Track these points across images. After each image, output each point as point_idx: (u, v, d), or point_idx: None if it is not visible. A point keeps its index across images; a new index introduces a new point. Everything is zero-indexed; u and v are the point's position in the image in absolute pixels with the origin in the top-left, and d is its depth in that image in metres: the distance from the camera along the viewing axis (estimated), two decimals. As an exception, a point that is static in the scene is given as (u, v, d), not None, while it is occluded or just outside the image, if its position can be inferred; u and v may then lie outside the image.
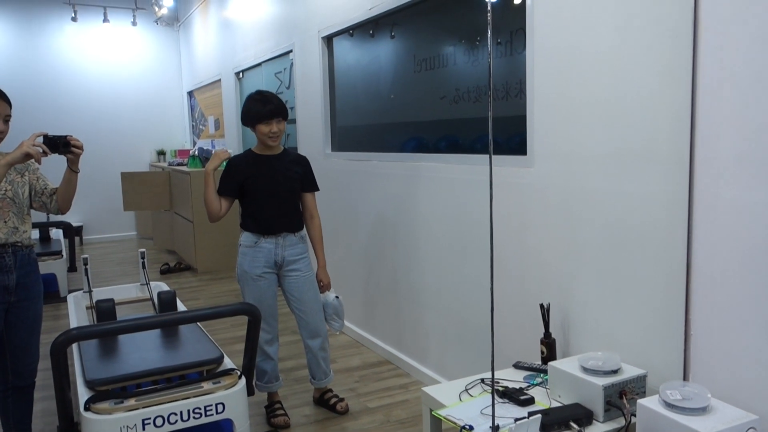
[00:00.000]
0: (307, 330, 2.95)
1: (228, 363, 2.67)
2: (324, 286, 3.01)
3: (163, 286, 3.99)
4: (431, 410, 2.07)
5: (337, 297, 3.02)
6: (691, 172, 1.82)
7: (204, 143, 7.93)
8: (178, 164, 7.20)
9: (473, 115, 2.91)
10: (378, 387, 3.31)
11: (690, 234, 1.84)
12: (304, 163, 2.95)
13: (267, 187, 2.82)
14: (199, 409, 2.37)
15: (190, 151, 7.37)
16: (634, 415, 1.79)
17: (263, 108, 2.76)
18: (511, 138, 2.63)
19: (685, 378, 1.89)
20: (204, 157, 6.64)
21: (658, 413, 1.64)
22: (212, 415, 2.40)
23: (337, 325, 3.04)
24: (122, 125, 8.49)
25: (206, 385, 2.44)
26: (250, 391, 2.62)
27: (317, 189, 3.00)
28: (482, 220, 2.79)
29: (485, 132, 2.82)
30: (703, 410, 1.62)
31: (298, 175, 2.90)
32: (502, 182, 2.61)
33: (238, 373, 2.57)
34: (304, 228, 2.97)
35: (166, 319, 2.26)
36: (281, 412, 2.90)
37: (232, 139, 6.71)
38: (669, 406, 1.65)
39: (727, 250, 1.74)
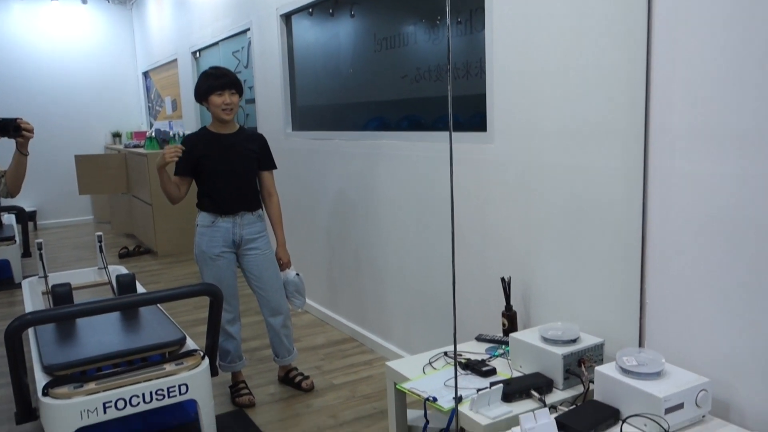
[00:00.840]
0: (268, 308, 2.94)
1: (190, 344, 2.65)
2: (284, 265, 3.00)
3: (122, 270, 3.92)
4: (395, 384, 2.09)
5: (297, 274, 3.01)
6: (645, 146, 1.86)
7: (161, 124, 7.76)
8: (135, 146, 7.04)
9: (434, 94, 2.91)
10: (343, 364, 3.32)
11: (645, 206, 1.88)
12: (260, 141, 2.91)
13: (223, 166, 2.78)
14: (162, 390, 2.34)
15: (147, 133, 7.21)
16: (593, 382, 1.84)
17: (216, 80, 2.72)
18: (473, 117, 2.64)
19: (641, 345, 1.95)
20: (162, 138, 6.50)
21: (614, 379, 1.69)
22: (175, 396, 2.38)
23: (298, 303, 3.03)
24: (75, 107, 8.24)
25: (168, 367, 2.42)
26: (213, 372, 2.60)
27: (275, 167, 2.97)
28: (444, 197, 2.81)
29: (447, 111, 2.82)
30: (657, 375, 1.67)
31: (255, 154, 2.86)
32: (463, 159, 2.63)
33: (201, 354, 2.55)
34: (262, 207, 2.95)
35: (125, 302, 2.23)
36: (246, 391, 2.89)
37: (189, 120, 6.58)
38: (625, 371, 1.70)
39: (681, 221, 1.79)
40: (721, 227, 1.69)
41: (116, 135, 8.40)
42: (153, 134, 6.55)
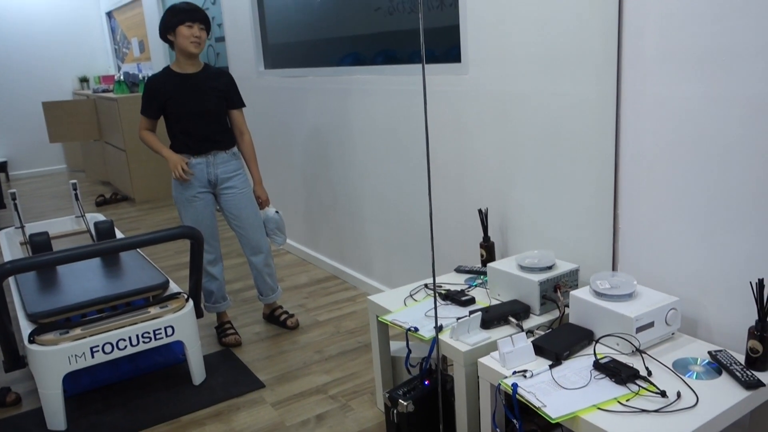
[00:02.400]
0: (249, 247, 2.96)
1: (174, 287, 2.67)
2: (263, 203, 2.99)
3: (100, 217, 3.89)
4: (378, 317, 2.14)
5: (277, 212, 3.02)
6: (618, 72, 1.86)
7: (129, 67, 7.54)
8: (104, 91, 6.86)
9: (409, 27, 2.85)
10: (326, 301, 3.38)
11: (618, 132, 1.90)
12: (227, 79, 2.84)
13: (190, 106, 2.73)
14: (148, 333, 2.38)
15: (115, 77, 7.00)
16: (568, 306, 1.90)
17: (186, 13, 2.65)
18: (449, 50, 2.60)
19: (614, 269, 2.01)
20: (131, 82, 6.34)
21: (588, 302, 1.75)
22: (162, 338, 2.41)
23: (279, 240, 3.05)
24: (38, 53, 7.95)
25: (153, 310, 2.44)
26: (198, 314, 2.64)
27: (243, 105, 2.91)
28: (419, 130, 2.80)
29: (427, 42, 2.78)
30: (629, 296, 1.73)
31: (222, 92, 2.80)
32: (438, 91, 2.61)
33: (185, 296, 2.57)
34: (236, 145, 2.92)
35: (105, 247, 2.22)
36: (232, 331, 2.94)
37: (158, 62, 6.40)
38: (598, 294, 1.75)
39: (652, 145, 1.81)
40: (690, 151, 1.71)
41: (84, 80, 8.16)
42: (122, 78, 6.37)
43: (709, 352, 1.65)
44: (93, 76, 8.18)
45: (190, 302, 2.55)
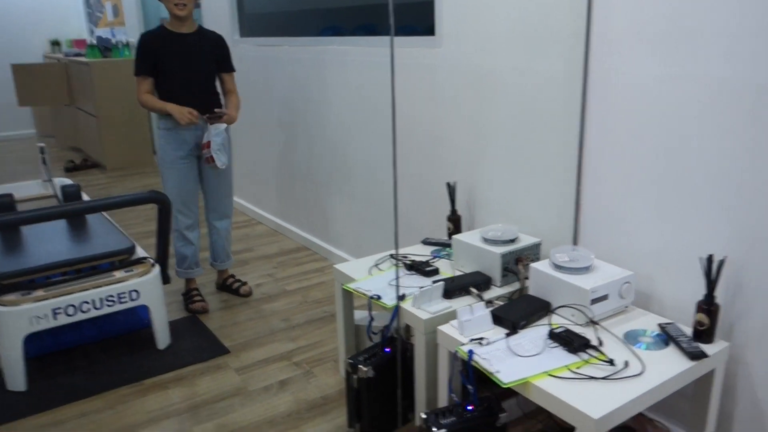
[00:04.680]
0: (217, 211, 2.98)
1: (140, 252, 2.66)
2: (227, 117, 2.82)
3: (67, 182, 3.84)
4: (342, 285, 2.16)
5: (226, 129, 2.89)
6: (587, 49, 1.89)
7: (103, 32, 7.38)
8: (76, 55, 6.71)
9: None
10: (295, 272, 3.40)
11: (584, 110, 1.93)
12: (220, 42, 2.84)
13: (183, 65, 2.72)
14: (113, 296, 2.38)
15: (88, 41, 6.87)
16: (528, 278, 1.94)
17: None
18: (428, 24, 2.60)
19: (575, 243, 2.05)
20: (104, 46, 6.21)
21: (547, 274, 1.79)
22: (126, 302, 2.41)
23: (223, 159, 2.85)
24: (7, 13, 7.73)
25: (118, 274, 2.44)
26: (165, 279, 2.64)
27: (234, 69, 2.93)
28: (397, 100, 2.81)
29: (402, 15, 2.77)
30: (586, 269, 1.78)
31: (214, 55, 2.81)
32: (412, 63, 2.62)
33: (152, 261, 2.57)
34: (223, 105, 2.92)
35: (69, 209, 2.21)
36: (199, 298, 2.94)
37: (132, 27, 6.28)
38: (557, 267, 1.80)
39: (616, 124, 1.84)
40: (650, 130, 1.75)
41: (55, 43, 7.97)
42: (94, 42, 6.24)
43: (659, 325, 1.71)
44: (65, 39, 7.99)
45: (156, 267, 2.55)
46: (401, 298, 1.92)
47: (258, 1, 3.94)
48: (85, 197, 3.43)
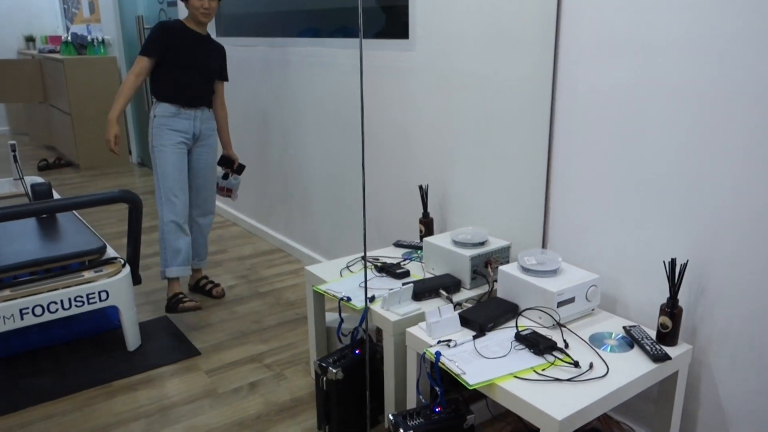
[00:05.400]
0: (202, 208, 3.00)
1: (111, 252, 2.63)
2: (235, 161, 3.16)
3: (38, 180, 3.78)
4: (313, 286, 2.16)
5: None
6: (555, 56, 1.91)
7: (78, 28, 7.28)
8: (50, 51, 6.62)
9: (368, 4, 2.83)
10: (269, 273, 3.38)
11: (552, 115, 1.96)
12: (222, 51, 2.97)
13: (194, 59, 2.80)
14: (81, 297, 2.35)
15: (63, 37, 6.76)
16: (497, 281, 1.96)
17: None
18: (404, 23, 2.60)
19: (543, 247, 2.07)
20: (79, 44, 6.13)
21: (515, 277, 1.81)
22: (95, 302, 2.39)
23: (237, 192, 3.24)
24: (-19, 7, 7.61)
25: (88, 274, 2.41)
26: (136, 280, 2.62)
27: (228, 79, 3.05)
28: (368, 105, 2.82)
29: (376, 17, 2.77)
30: (553, 272, 1.80)
31: (217, 62, 2.93)
32: (386, 66, 2.62)
33: (122, 261, 2.54)
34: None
35: (37, 207, 2.18)
36: (188, 298, 2.91)
37: (109, 23, 6.21)
38: (525, 270, 1.81)
39: (583, 130, 1.87)
40: (615, 136, 1.78)
41: (30, 39, 7.85)
42: (69, 39, 6.16)
43: (624, 327, 1.73)
44: (40, 35, 7.88)
45: (127, 268, 2.52)
46: (371, 299, 1.93)
47: (237, 2, 3.92)
48: (57, 196, 3.39)
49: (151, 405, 2.19)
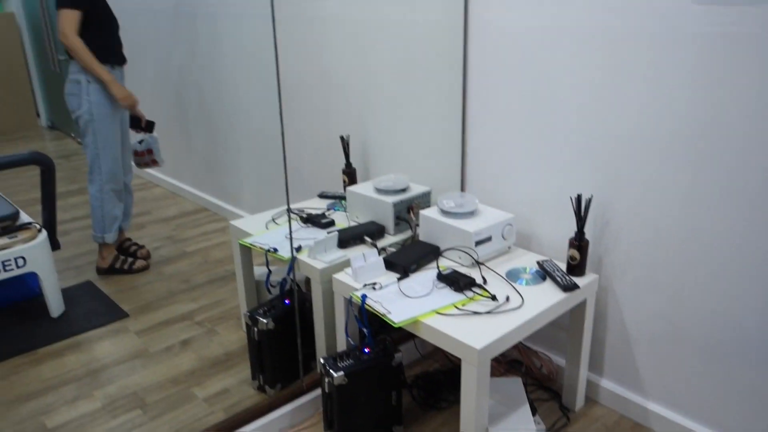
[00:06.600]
0: (127, 166, 2.91)
1: (25, 218, 2.54)
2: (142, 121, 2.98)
3: (-61, 148, 3.56)
4: (239, 240, 2.17)
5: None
6: (466, 2, 1.95)
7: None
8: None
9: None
10: (195, 233, 3.35)
11: (465, 61, 2.01)
12: None
13: (112, 15, 2.66)
14: (-4, 265, 2.27)
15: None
16: (419, 225, 2.03)
17: None
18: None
19: (462, 190, 2.15)
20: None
21: (435, 220, 1.88)
22: (12, 270, 2.31)
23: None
24: None
25: (2, 241, 2.32)
26: (54, 245, 2.54)
27: None
28: (281, 55, 2.79)
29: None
30: (471, 214, 1.88)
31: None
32: (299, 15, 2.60)
33: (38, 226, 2.46)
34: None
35: (-61, 174, 2.06)
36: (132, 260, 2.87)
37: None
38: (444, 213, 1.89)
39: (495, 74, 1.93)
40: (527, 80, 1.85)
41: None
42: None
43: (538, 262, 1.84)
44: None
45: (44, 233, 2.44)
46: (297, 250, 1.96)
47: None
48: (-40, 163, 3.21)
49: (81, 369, 2.17)
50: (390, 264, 1.81)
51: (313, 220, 2.16)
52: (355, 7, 2.33)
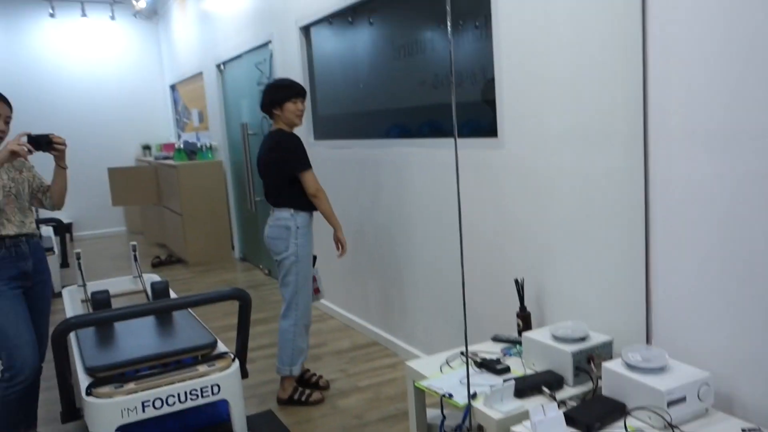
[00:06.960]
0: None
1: (221, 347, 2.79)
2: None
3: (156, 278, 4.09)
4: (414, 382, 2.20)
5: None
6: (645, 148, 1.95)
7: (189, 136, 7.98)
8: (164, 158, 7.27)
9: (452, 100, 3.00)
10: (367, 367, 3.44)
11: (647, 207, 1.97)
12: None
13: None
14: (196, 390, 2.49)
15: (176, 145, 7.43)
16: (601, 378, 1.93)
17: (290, 89, 2.95)
18: (493, 121, 2.72)
19: (648, 342, 2.03)
20: (190, 150, 6.71)
21: (620, 374, 1.78)
22: (208, 396, 2.52)
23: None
24: (106, 121, 8.52)
25: (201, 368, 2.56)
26: (244, 374, 2.74)
27: None
28: (462, 202, 2.91)
29: (466, 116, 2.92)
30: (660, 370, 1.76)
31: None
32: (476, 164, 2.73)
33: (232, 356, 2.69)
34: None
35: (160, 305, 2.37)
36: (311, 392, 3.04)
37: (216, 131, 6.78)
38: (630, 367, 1.78)
39: (682, 221, 1.87)
40: (720, 227, 1.76)
41: (146, 147, 8.66)
42: (181, 146, 6.76)
43: (743, 430, 1.65)
44: (155, 143, 8.67)
45: (236, 362, 2.66)
46: (473, 396, 1.94)
47: (329, 104, 4.22)
48: (171, 292, 3.65)
49: (259, 500, 2.25)
50: (571, 420, 1.72)
51: (488, 365, 2.14)
52: (530, 157, 2.41)
